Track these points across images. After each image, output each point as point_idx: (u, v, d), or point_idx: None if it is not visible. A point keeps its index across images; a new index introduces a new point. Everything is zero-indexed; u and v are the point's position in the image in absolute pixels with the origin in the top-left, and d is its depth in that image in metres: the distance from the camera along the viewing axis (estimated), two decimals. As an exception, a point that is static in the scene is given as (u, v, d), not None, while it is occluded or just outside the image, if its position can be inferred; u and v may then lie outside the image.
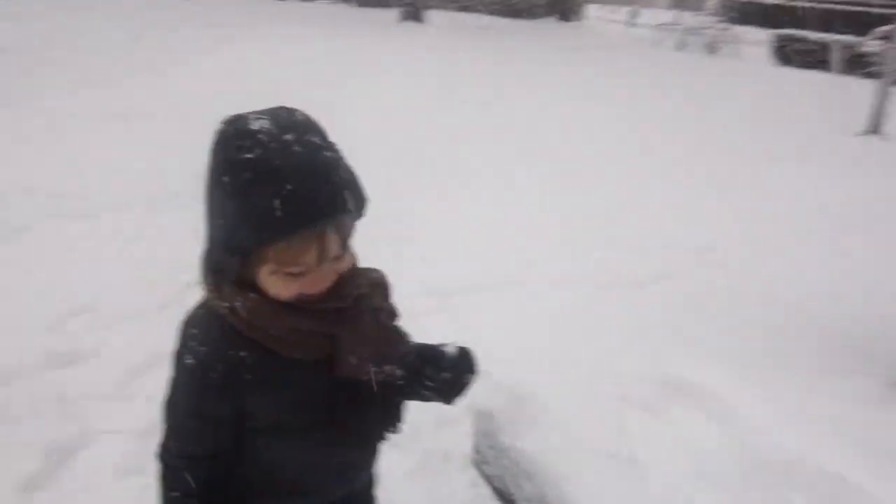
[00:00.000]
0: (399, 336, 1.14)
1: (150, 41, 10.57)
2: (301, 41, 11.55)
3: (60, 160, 5.23)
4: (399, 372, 1.11)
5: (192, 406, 1.05)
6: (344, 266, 1.03)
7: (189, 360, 1.03)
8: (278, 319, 1.00)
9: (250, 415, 1.06)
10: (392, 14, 17.44)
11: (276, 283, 0.99)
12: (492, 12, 21.74)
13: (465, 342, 1.21)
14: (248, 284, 1.00)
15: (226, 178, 0.93)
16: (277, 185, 0.90)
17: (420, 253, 4.05)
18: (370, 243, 1.28)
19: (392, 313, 1.14)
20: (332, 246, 0.98)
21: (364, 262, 1.10)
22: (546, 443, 2.03)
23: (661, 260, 4.18)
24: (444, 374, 1.16)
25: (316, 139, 0.97)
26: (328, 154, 0.97)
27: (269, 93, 2.68)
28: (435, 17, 17.81)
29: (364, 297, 1.07)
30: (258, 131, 0.93)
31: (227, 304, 1.01)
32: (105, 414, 2.50)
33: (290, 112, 0.99)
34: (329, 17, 16.55)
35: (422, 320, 2.55)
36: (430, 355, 1.17)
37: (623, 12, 26.57)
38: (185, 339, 1.06)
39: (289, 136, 0.94)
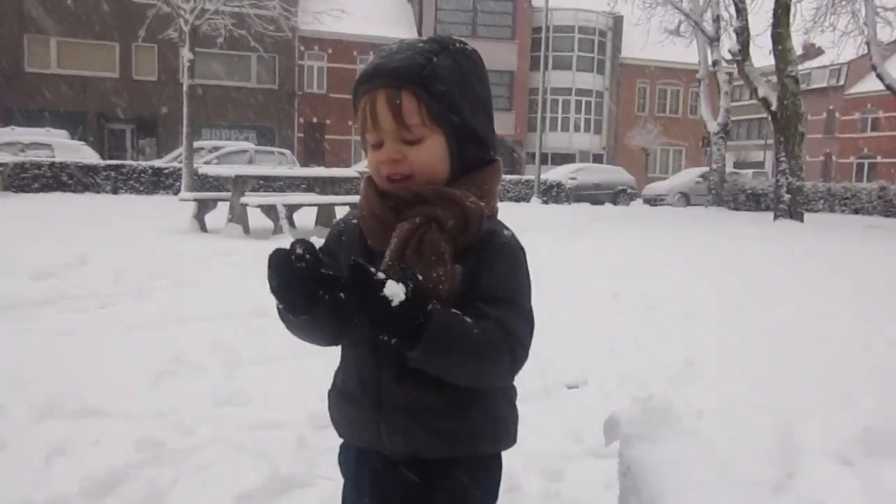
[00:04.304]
0: (432, 259, 1.04)
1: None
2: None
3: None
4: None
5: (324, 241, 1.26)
6: (420, 159, 1.09)
7: None
8: (364, 199, 1.15)
9: None
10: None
11: (369, 158, 1.14)
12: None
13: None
14: None
15: None
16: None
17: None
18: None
19: (451, 234, 1.06)
20: (382, 112, 1.08)
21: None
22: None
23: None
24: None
25: (421, 43, 1.13)
26: (420, 45, 1.12)
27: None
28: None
29: (425, 204, 1.07)
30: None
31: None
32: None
33: (445, 37, 1.17)
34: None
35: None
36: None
37: None
38: None
39: (409, 40, 1.15)
